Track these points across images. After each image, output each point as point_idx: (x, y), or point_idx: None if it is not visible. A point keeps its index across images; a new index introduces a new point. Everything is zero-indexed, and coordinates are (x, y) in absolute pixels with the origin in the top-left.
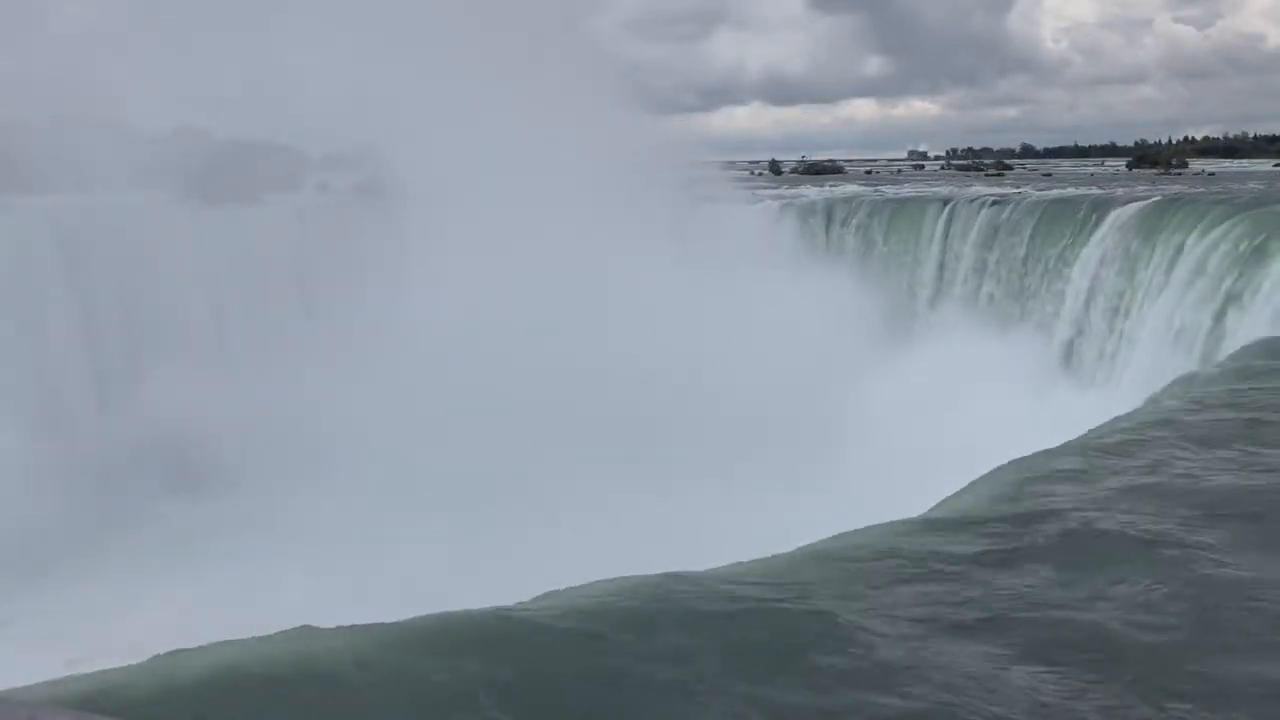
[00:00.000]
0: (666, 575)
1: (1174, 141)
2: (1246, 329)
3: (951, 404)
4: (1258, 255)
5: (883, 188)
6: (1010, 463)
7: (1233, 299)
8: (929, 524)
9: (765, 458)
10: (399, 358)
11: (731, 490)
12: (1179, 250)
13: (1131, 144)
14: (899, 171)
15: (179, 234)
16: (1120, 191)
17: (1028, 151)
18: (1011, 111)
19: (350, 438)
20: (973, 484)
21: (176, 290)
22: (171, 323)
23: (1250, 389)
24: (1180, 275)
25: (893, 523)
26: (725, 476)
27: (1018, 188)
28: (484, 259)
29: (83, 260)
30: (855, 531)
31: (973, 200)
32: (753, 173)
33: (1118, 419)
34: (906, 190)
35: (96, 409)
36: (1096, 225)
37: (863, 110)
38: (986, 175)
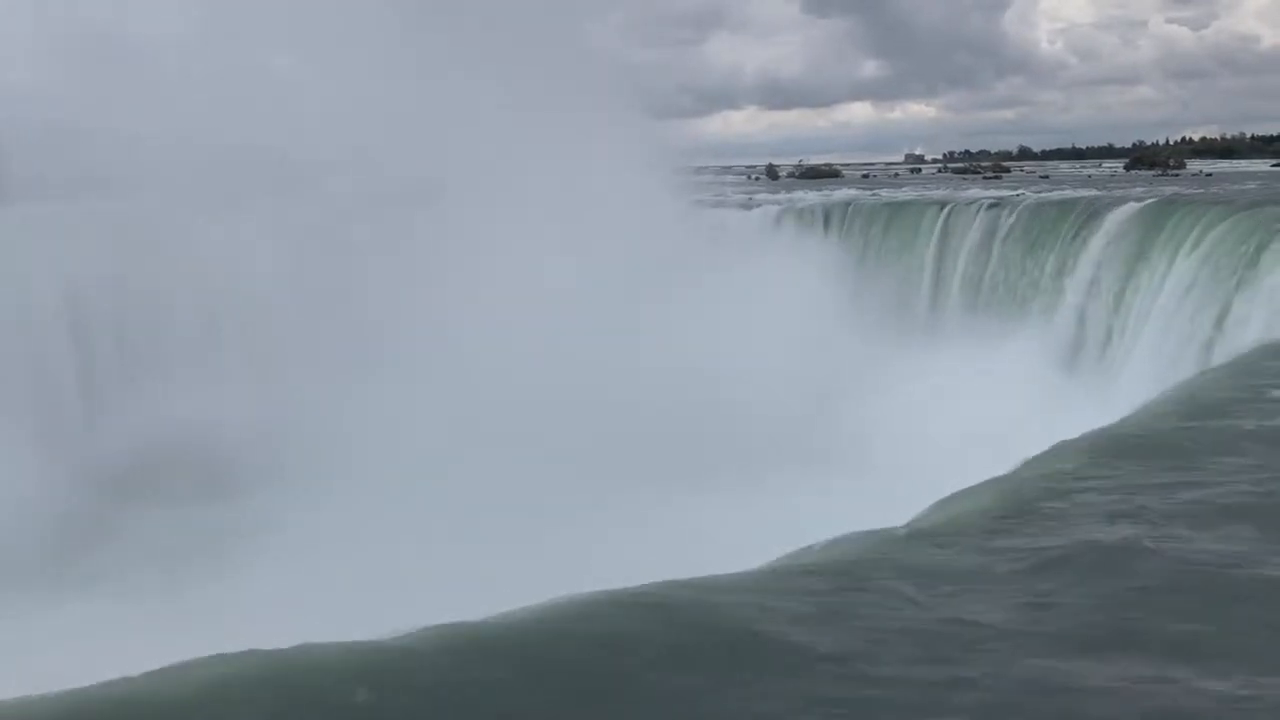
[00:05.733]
0: (666, 584)
1: (1171, 142)
2: (1247, 330)
3: (951, 407)
4: (1257, 256)
5: (880, 191)
6: (1012, 467)
7: (1233, 300)
8: (923, 530)
9: (768, 466)
10: (406, 363)
11: (743, 498)
12: (1178, 251)
13: (1129, 145)
14: (896, 175)
15: (180, 239)
16: (1118, 192)
17: (1025, 153)
18: (1008, 114)
19: (357, 446)
20: (972, 488)
21: (177, 294)
22: (172, 326)
23: (1252, 390)
24: (1180, 276)
25: (883, 530)
26: (734, 485)
27: (1015, 190)
28: (489, 263)
29: (82, 264)
30: (845, 538)
31: (970, 203)
32: (750, 177)
33: (1118, 422)
34: (904, 193)
35: (97, 415)
36: (1095, 227)
37: (859, 114)
38: (984, 178)
